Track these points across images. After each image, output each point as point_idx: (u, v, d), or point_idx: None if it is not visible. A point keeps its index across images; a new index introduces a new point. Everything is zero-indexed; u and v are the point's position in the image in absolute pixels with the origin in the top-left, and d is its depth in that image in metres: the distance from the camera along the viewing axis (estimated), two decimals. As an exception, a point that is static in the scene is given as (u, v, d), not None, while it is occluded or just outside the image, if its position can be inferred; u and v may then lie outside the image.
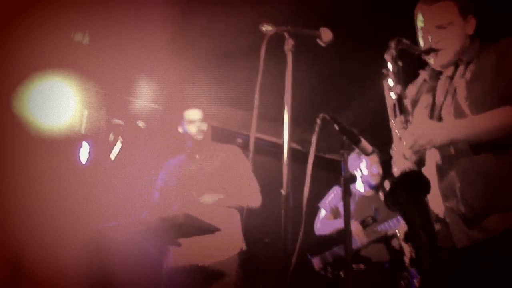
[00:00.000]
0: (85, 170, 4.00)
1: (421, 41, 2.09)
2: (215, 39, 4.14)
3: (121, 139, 3.09)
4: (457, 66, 2.05)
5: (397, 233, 2.08)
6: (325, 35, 2.02)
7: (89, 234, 2.96)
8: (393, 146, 1.97)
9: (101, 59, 4.22)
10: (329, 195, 4.33)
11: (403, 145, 1.85)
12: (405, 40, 2.01)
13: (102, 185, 3.21)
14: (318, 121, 2.03)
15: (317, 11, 3.63)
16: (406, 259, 2.07)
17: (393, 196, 1.80)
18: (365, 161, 4.20)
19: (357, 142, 2.07)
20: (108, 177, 3.11)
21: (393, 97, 1.96)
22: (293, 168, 1.81)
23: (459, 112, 1.96)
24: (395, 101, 1.95)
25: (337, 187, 4.32)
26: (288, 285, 1.70)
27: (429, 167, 2.01)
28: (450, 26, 2.01)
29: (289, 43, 1.93)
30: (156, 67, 4.48)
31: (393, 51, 1.98)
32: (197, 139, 3.52)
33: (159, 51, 4.20)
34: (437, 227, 1.93)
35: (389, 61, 1.99)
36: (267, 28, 1.96)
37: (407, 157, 1.83)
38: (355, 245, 3.93)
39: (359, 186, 4.30)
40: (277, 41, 1.96)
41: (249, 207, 3.40)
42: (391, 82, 1.98)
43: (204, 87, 4.47)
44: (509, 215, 1.84)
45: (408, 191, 1.79)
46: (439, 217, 1.97)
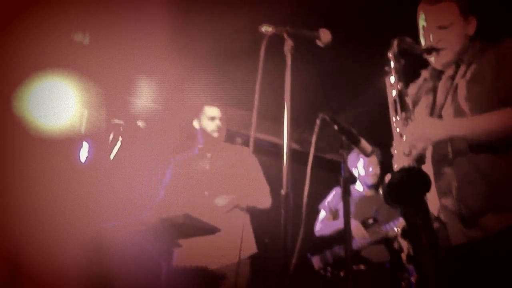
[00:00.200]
0: (85, 170, 4.00)
1: (422, 40, 2.11)
2: (215, 39, 4.14)
3: (121, 139, 3.09)
4: (458, 66, 2.06)
5: (396, 229, 2.08)
6: (324, 36, 2.02)
7: (89, 234, 2.96)
8: (393, 143, 1.97)
9: (101, 59, 4.22)
10: (328, 197, 4.33)
11: (404, 142, 1.86)
12: (407, 38, 2.03)
13: (102, 185, 3.21)
14: (317, 121, 2.03)
15: (317, 11, 3.63)
16: (403, 256, 2.07)
17: (392, 191, 1.80)
18: (363, 160, 4.19)
19: (357, 142, 2.07)
20: (108, 177, 3.11)
21: (394, 94, 1.98)
22: (293, 168, 1.81)
23: (459, 111, 1.96)
24: (397, 97, 1.97)
25: (336, 188, 4.31)
26: (288, 285, 1.70)
27: (426, 164, 2.01)
28: (451, 26, 2.03)
29: (289, 44, 1.94)
30: (156, 67, 4.49)
31: (395, 49, 2.00)
32: (213, 136, 3.52)
33: (159, 51, 4.20)
34: (435, 225, 1.93)
35: (391, 58, 2.01)
36: (266, 28, 1.96)
37: (407, 154, 1.84)
38: (355, 245, 3.93)
39: (358, 186, 4.30)
40: (276, 41, 1.96)
41: (260, 209, 3.39)
42: (392, 79, 2.00)
43: (204, 87, 4.47)
44: (506, 215, 1.84)
45: (407, 187, 1.79)
46: (435, 215, 1.97)
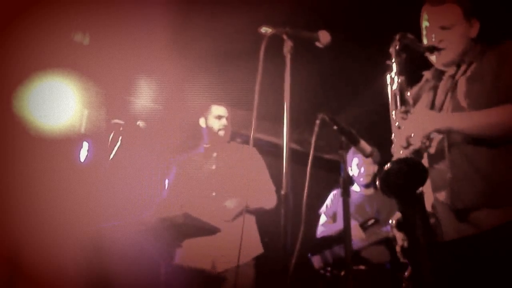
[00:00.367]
0: (85, 170, 4.00)
1: (425, 40, 2.12)
2: (215, 39, 4.14)
3: (121, 139, 3.09)
4: (459, 66, 2.07)
5: (391, 221, 2.08)
6: (323, 37, 2.04)
7: (88, 234, 2.96)
8: (392, 137, 1.98)
9: (101, 59, 4.23)
10: (327, 201, 4.31)
11: (401, 133, 1.88)
12: (409, 34, 2.04)
13: (102, 185, 3.21)
14: (317, 121, 2.03)
15: (316, 12, 3.63)
16: (397, 248, 2.07)
17: (389, 180, 1.80)
18: (357, 159, 4.17)
19: (356, 142, 2.07)
20: (108, 177, 3.11)
21: (394, 88, 1.99)
22: (293, 168, 1.82)
23: (457, 107, 1.98)
24: (397, 91, 1.98)
25: (334, 192, 4.31)
26: (288, 285, 1.70)
27: (423, 160, 2.01)
28: (453, 27, 2.05)
29: (288, 45, 1.95)
30: (156, 67, 4.49)
31: (397, 44, 2.01)
32: (219, 134, 3.51)
33: (159, 51, 4.20)
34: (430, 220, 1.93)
35: (392, 53, 2.02)
36: (265, 29, 1.97)
37: (405, 146, 1.85)
38: (354, 246, 3.92)
39: (355, 186, 4.26)
40: (276, 42, 1.97)
41: (266, 209, 3.37)
42: (393, 73, 2.01)
43: (204, 87, 4.47)
44: (500, 212, 1.84)
45: (405, 177, 1.79)
46: (429, 211, 1.96)
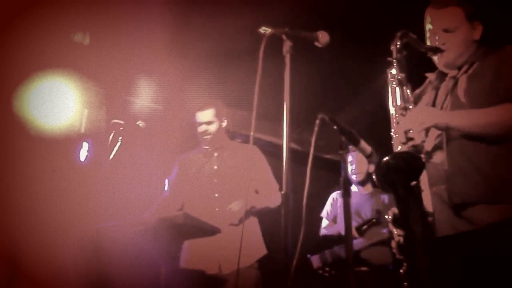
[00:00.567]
0: (85, 170, 4.01)
1: (428, 42, 2.14)
2: (215, 39, 4.14)
3: (121, 139, 3.09)
4: (461, 66, 2.09)
5: (387, 216, 2.07)
6: (322, 37, 2.04)
7: (88, 234, 2.96)
8: (392, 133, 1.98)
9: (101, 59, 4.23)
10: (327, 205, 4.31)
11: (400, 128, 1.89)
12: (410, 33, 2.05)
13: (101, 185, 3.21)
14: (317, 121, 2.03)
15: (316, 12, 3.64)
16: (393, 243, 2.06)
17: (384, 174, 1.80)
18: (350, 157, 4.15)
19: (356, 142, 2.07)
20: (108, 177, 3.11)
21: (395, 85, 2.00)
22: (292, 168, 1.81)
23: (457, 105, 1.99)
24: (397, 87, 1.99)
25: (332, 195, 4.31)
26: (288, 286, 1.70)
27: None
28: (456, 30, 2.07)
29: (287, 45, 1.95)
30: (156, 67, 4.49)
31: (398, 41, 2.02)
32: (204, 140, 3.44)
33: (159, 51, 4.20)
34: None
35: (393, 50, 2.03)
36: (265, 29, 1.97)
37: (403, 142, 1.86)
38: (354, 247, 3.92)
39: (353, 186, 4.24)
40: (276, 42, 1.97)
41: (272, 208, 3.31)
42: (394, 70, 2.02)
43: (204, 87, 4.47)
44: (496, 208, 1.84)
45: (401, 171, 1.79)
46: (425, 209, 1.96)
